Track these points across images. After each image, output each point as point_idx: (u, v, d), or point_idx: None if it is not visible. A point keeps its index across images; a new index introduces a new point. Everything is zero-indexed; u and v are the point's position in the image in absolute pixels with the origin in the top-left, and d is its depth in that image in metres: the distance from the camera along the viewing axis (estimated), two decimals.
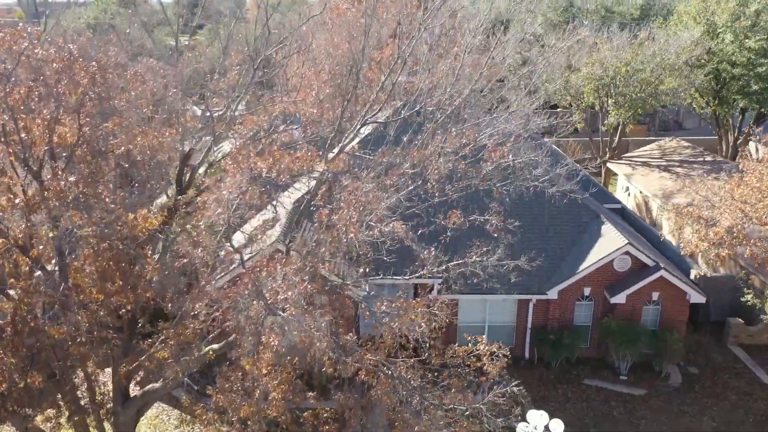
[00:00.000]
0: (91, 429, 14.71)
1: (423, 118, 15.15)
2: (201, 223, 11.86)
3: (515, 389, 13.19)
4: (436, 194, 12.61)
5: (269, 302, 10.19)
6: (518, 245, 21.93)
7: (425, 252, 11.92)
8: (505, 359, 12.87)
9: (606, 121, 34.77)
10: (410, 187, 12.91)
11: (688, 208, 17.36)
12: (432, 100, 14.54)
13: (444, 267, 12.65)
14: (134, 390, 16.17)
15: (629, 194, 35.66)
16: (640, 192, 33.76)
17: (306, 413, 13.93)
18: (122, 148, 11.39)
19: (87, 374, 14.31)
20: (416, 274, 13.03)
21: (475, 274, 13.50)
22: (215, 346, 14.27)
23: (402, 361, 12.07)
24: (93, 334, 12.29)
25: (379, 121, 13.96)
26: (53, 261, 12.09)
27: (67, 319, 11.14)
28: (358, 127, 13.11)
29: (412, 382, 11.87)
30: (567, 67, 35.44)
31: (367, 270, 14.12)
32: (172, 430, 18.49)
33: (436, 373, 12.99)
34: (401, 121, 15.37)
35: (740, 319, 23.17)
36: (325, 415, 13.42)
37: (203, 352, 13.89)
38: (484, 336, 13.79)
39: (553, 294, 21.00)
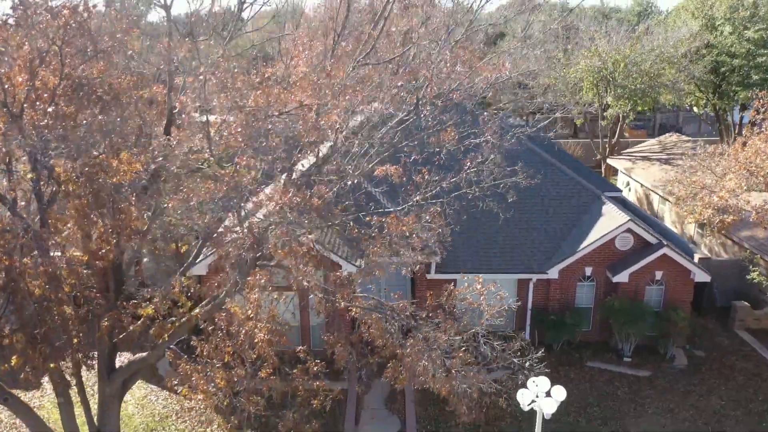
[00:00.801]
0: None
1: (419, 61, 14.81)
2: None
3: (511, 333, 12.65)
4: (430, 119, 12.11)
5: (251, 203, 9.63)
6: (518, 225, 21.58)
7: (418, 176, 11.42)
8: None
9: (606, 113, 34.47)
10: (404, 113, 12.41)
11: (691, 177, 16.91)
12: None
13: (436, 189, 12.00)
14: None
15: (630, 189, 35.24)
16: (641, 185, 33.35)
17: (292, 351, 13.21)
18: (106, 85, 10.96)
19: (70, 337, 13.75)
20: (409, 203, 12.37)
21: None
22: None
23: (395, 301, 11.53)
24: (75, 293, 11.79)
25: (369, 62, 13.56)
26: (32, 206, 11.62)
27: (45, 262, 10.62)
28: (350, 69, 12.69)
29: (403, 317, 11.30)
30: (564, 62, 35.33)
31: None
32: (160, 410, 17.81)
33: (429, 313, 12.42)
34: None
35: (746, 303, 22.57)
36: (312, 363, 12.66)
37: (191, 312, 13.27)
38: (480, 276, 13.19)
39: (553, 273, 20.44)
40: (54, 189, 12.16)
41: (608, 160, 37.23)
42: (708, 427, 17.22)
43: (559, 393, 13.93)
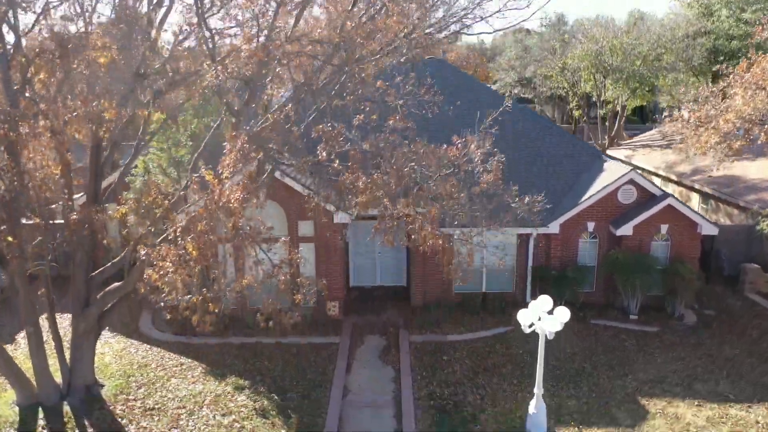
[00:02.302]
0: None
1: None
2: None
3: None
4: None
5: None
6: (517, 182, 20.78)
7: None
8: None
9: (603, 97, 34.10)
10: None
11: (694, 112, 16.26)
12: None
13: None
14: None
15: None
16: (642, 170, 32.71)
17: None
18: None
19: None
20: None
21: None
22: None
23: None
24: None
25: None
26: None
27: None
28: None
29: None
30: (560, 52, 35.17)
31: None
32: (139, 360, 16.74)
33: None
34: None
35: (756, 265, 21.66)
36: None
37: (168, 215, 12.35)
38: (474, 136, 12.42)
39: (554, 227, 19.61)
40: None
41: (608, 152, 36.69)
42: (723, 371, 16.16)
43: (563, 314, 13.02)
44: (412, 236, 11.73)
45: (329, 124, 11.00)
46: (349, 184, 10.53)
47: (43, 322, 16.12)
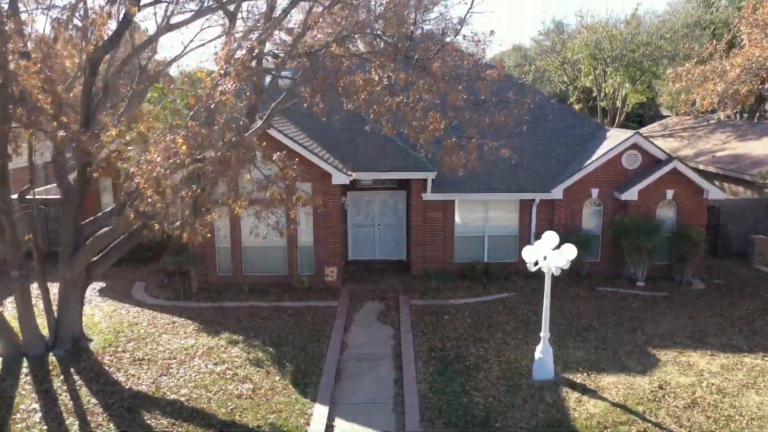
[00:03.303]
0: None
1: None
2: None
3: None
4: None
5: None
6: (520, 151, 20.40)
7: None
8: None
9: (604, 88, 33.93)
10: None
11: (698, 67, 15.92)
12: None
13: None
14: None
15: None
16: None
17: None
18: None
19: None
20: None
21: None
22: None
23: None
24: None
25: None
26: None
27: None
28: None
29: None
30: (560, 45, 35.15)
31: None
32: (130, 319, 16.16)
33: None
34: None
35: (765, 236, 21.16)
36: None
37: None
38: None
39: (558, 193, 19.18)
40: None
41: None
42: (735, 327, 15.56)
43: (570, 251, 12.50)
44: (413, 123, 11.22)
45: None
46: (348, 85, 10.03)
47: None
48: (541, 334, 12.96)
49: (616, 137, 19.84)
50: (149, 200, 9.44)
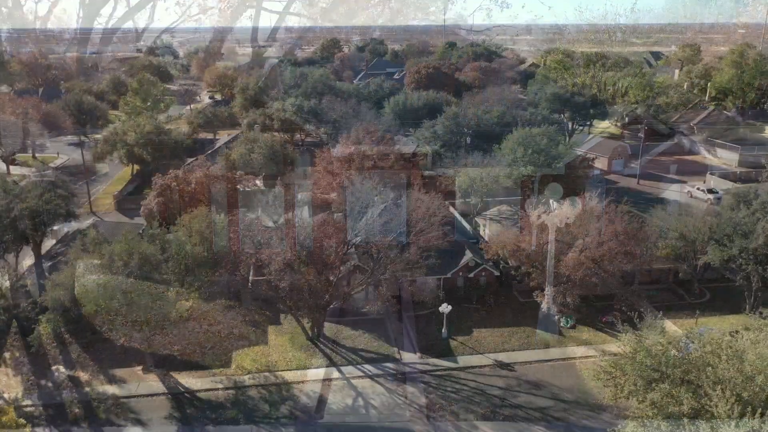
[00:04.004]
0: None
1: None
2: None
3: None
4: None
5: None
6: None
7: None
8: None
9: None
10: None
11: None
12: None
13: None
14: None
15: None
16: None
17: None
18: None
19: None
20: None
21: None
22: None
23: None
24: None
25: None
26: None
27: None
28: None
29: None
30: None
31: None
32: None
33: None
34: None
35: None
36: None
37: None
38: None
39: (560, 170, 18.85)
40: None
41: None
42: None
43: (577, 202, 12.19)
44: None
45: None
46: None
47: None
48: (546, 291, 12.57)
49: None
50: None
